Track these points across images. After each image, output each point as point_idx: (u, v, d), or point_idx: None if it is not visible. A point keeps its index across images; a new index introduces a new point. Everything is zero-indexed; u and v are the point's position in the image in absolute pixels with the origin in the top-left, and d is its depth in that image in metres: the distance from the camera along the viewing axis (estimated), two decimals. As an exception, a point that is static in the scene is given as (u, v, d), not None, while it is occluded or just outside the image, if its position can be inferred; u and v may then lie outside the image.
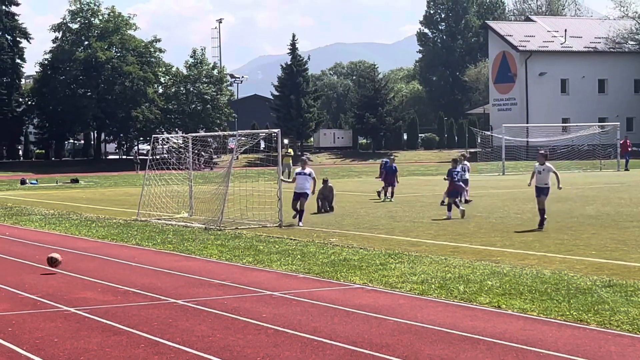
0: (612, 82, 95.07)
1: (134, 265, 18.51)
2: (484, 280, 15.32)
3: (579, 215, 27.54)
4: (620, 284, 14.71)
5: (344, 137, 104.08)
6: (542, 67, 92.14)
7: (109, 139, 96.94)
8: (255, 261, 18.53)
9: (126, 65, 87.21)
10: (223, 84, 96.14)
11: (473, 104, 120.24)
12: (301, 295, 14.51)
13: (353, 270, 16.83)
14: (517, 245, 20.36)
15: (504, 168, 60.45)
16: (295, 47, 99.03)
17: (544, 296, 13.80)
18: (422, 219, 27.17)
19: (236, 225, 25.90)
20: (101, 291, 15.30)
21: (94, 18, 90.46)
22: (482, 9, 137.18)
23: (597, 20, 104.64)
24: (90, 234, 25.20)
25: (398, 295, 14.36)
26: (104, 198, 42.69)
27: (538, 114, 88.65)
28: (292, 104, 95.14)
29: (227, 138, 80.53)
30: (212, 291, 15.09)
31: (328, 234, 23.54)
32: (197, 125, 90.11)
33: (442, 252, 19.30)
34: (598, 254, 18.59)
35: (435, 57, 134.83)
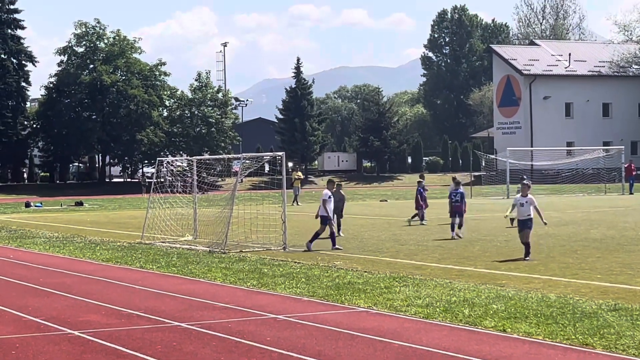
0: (617, 106, 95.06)
1: (138, 288, 18.47)
2: (489, 303, 15.26)
3: (584, 238, 27.47)
4: (625, 307, 14.65)
5: (348, 161, 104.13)
6: (546, 90, 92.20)
7: (113, 162, 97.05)
8: (260, 284, 18.49)
9: (131, 88, 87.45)
10: (228, 107, 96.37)
11: (477, 128, 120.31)
12: (305, 318, 14.46)
13: (357, 293, 16.78)
14: (522, 268, 20.30)
15: (508, 191, 60.33)
16: (299, 70, 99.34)
17: (550, 320, 13.74)
18: (426, 242, 27.12)
19: (240, 248, 25.86)
20: (105, 314, 15.26)
21: (100, 41, 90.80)
22: (486, 33, 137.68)
23: (601, 45, 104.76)
24: (95, 256, 25.17)
25: (403, 319, 14.31)
26: (108, 221, 42.68)
27: (542, 138, 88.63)
28: (296, 127, 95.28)
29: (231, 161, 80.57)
30: (216, 314, 15.04)
31: (332, 257, 23.49)
32: (201, 149, 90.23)
33: (446, 275, 19.24)
34: (603, 277, 18.53)
35: (439, 81, 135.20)
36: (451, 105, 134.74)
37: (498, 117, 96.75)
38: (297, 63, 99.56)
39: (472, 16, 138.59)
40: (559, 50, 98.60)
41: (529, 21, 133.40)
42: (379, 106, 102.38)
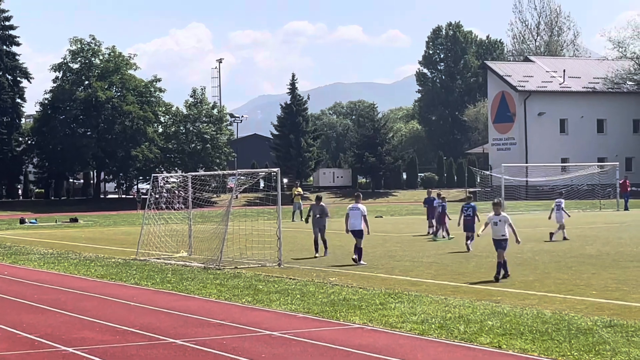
0: (611, 122, 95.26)
1: (132, 305, 18.43)
2: (485, 320, 15.25)
3: (580, 255, 27.48)
4: (621, 324, 14.65)
5: (343, 176, 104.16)
6: (541, 107, 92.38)
7: (108, 178, 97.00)
8: (255, 301, 18.46)
9: (126, 104, 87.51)
10: (223, 124, 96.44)
11: (472, 144, 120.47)
12: (301, 335, 14.44)
13: (353, 309, 16.76)
14: (518, 285, 20.29)
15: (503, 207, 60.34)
16: (294, 86, 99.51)
17: (545, 336, 13.73)
18: (421, 259, 27.10)
19: (235, 265, 25.83)
20: (100, 331, 15.22)
21: (95, 58, 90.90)
22: (481, 50, 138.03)
23: (595, 61, 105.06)
24: (89, 273, 25.12)
25: (398, 335, 14.29)
26: (103, 237, 42.62)
27: (537, 154, 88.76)
28: (291, 143, 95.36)
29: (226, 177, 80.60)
30: (211, 331, 15.01)
31: (327, 273, 23.47)
32: (196, 165, 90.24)
33: (442, 291, 19.23)
34: (599, 294, 18.53)
35: (434, 97, 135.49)
36: (446, 121, 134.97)
37: (493, 133, 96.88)
38: (292, 79, 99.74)
39: (466, 33, 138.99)
40: (553, 67, 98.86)
41: (524, 37, 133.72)
42: (374, 122, 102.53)
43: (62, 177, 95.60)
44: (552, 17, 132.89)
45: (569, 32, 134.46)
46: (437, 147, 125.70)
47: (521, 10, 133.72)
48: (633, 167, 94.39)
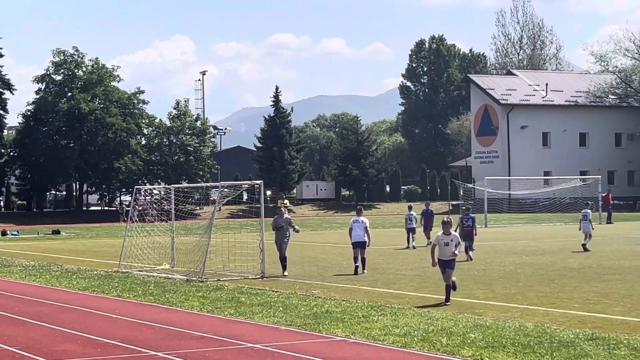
0: (593, 136, 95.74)
1: (115, 317, 18.36)
2: (467, 332, 15.27)
3: (562, 268, 27.56)
4: (602, 337, 14.69)
5: (326, 189, 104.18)
6: (523, 120, 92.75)
7: (91, 190, 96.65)
8: (237, 313, 18.43)
9: (109, 116, 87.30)
10: (206, 136, 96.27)
11: (455, 157, 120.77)
12: (283, 347, 14.42)
13: (335, 322, 16.75)
14: (500, 297, 20.33)
15: (486, 220, 60.50)
16: (278, 99, 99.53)
17: (527, 349, 13.76)
18: (404, 271, 27.12)
19: (218, 277, 25.78)
20: (81, 343, 15.16)
21: (78, 70, 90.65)
22: (464, 63, 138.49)
23: (577, 75, 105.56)
24: (71, 285, 25.03)
25: (381, 348, 14.29)
26: (85, 249, 42.48)
27: (520, 167, 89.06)
28: (275, 155, 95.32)
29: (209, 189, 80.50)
30: (193, 343, 14.97)
31: (310, 285, 23.45)
32: (179, 177, 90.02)
33: (424, 304, 19.24)
34: (581, 306, 18.58)
35: (417, 110, 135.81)
36: (429, 134, 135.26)
37: (476, 146, 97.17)
38: (276, 92, 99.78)
39: (449, 46, 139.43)
40: (536, 80, 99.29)
41: (506, 51, 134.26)
42: (357, 135, 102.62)
43: (45, 189, 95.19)
44: (535, 31, 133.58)
45: (551, 45, 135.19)
46: (421, 160, 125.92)
47: (504, 24, 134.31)
48: (615, 181, 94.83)
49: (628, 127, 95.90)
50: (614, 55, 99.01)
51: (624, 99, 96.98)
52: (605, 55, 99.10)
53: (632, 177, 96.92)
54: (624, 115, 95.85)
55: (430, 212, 40.46)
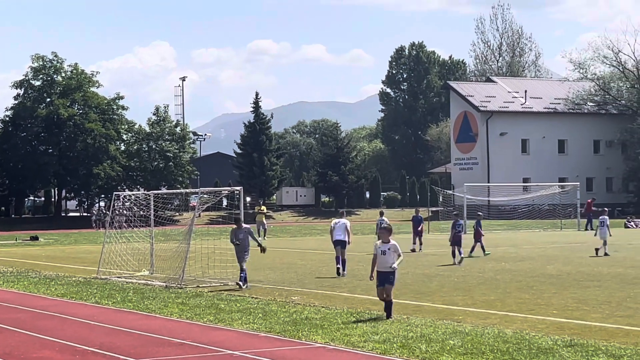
0: (572, 143, 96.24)
1: (93, 324, 18.27)
2: (446, 339, 15.28)
3: (541, 274, 27.63)
4: (581, 343, 14.73)
5: (306, 195, 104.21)
6: (502, 127, 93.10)
7: (69, 196, 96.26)
8: (217, 320, 18.37)
9: (88, 122, 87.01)
10: (186, 142, 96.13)
11: (435, 163, 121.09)
12: (262, 354, 14.38)
13: (315, 329, 16.72)
14: (479, 304, 20.36)
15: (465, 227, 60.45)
16: (258, 105, 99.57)
17: (506, 356, 13.78)
18: (384, 278, 27.08)
19: (197, 284, 25.71)
20: (59, 350, 15.07)
21: (57, 75, 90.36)
22: (443, 70, 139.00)
23: (556, 82, 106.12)
24: (49, 292, 24.89)
25: (360, 355, 14.27)
26: (63, 255, 42.27)
27: (499, 174, 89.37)
28: (254, 161, 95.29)
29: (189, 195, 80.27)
30: (172, 350, 14.91)
31: (290, 292, 23.42)
32: (159, 183, 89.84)
33: (404, 310, 19.24)
34: (559, 313, 18.63)
35: (397, 117, 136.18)
36: (409, 140, 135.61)
37: (455, 153, 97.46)
38: (256, 98, 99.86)
39: (429, 53, 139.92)
40: (515, 87, 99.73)
41: (486, 58, 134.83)
42: (337, 141, 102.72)
43: (23, 194, 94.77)
44: (514, 38, 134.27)
45: (530, 53, 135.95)
46: (400, 167, 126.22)
47: (483, 31, 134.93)
48: (594, 187, 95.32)
49: (606, 134, 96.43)
50: (592, 63, 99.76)
51: (602, 106, 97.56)
52: (584, 63, 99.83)
53: (611, 184, 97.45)
54: (603, 123, 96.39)
55: (420, 218, 41.73)
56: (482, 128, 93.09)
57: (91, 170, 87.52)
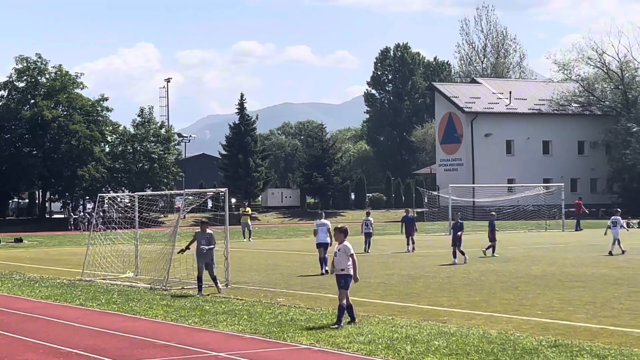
0: (557, 144, 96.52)
1: (77, 326, 18.21)
2: (431, 340, 15.30)
3: (525, 275, 27.71)
4: (565, 344, 14.78)
5: (291, 197, 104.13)
6: (487, 128, 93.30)
7: (54, 197, 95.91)
8: (202, 321, 18.34)
9: (73, 123, 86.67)
10: (171, 143, 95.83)
11: (420, 164, 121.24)
12: (247, 356, 14.37)
13: (300, 330, 16.72)
14: (464, 305, 20.39)
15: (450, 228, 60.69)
16: (243, 106, 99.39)
17: (491, 356, 13.81)
18: (369, 279, 27.12)
19: (182, 285, 25.66)
20: (44, 353, 15.02)
21: (41, 77, 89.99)
22: (428, 71, 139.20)
23: (541, 83, 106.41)
24: (34, 294, 24.80)
25: (345, 356, 14.28)
26: (48, 258, 42.13)
27: (484, 175, 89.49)
28: (240, 163, 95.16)
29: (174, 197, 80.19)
30: (157, 352, 14.88)
31: (275, 293, 23.41)
32: (144, 184, 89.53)
33: (389, 312, 19.26)
34: (544, 314, 18.68)
35: (382, 118, 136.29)
36: (394, 142, 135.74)
37: (440, 154, 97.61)
38: (241, 99, 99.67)
39: (414, 54, 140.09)
40: (499, 89, 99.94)
41: (471, 59, 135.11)
42: (322, 142, 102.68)
43: (7, 196, 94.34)
44: (499, 39, 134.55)
45: (515, 54, 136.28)
46: (385, 168, 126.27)
47: (468, 32, 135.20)
48: (578, 188, 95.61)
49: (591, 135, 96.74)
50: (576, 64, 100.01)
51: (586, 107, 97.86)
52: (568, 64, 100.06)
53: (595, 184, 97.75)
54: (587, 124, 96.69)
55: (411, 218, 42.44)
56: (467, 129, 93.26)
57: (76, 172, 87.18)
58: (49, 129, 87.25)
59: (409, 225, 41.59)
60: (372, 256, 37.81)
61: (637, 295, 21.65)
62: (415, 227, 42.53)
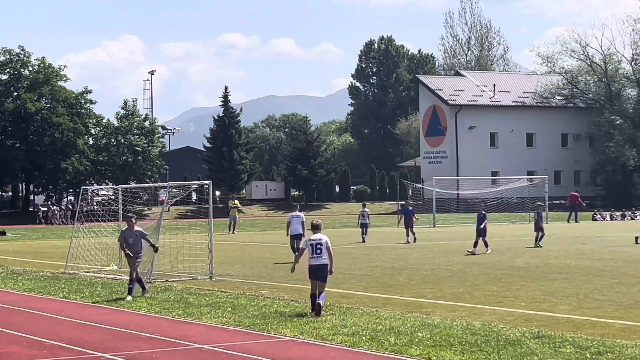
0: (540, 136, 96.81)
1: (61, 319, 18.18)
2: (415, 332, 15.34)
3: (509, 267, 27.80)
4: (548, 335, 14.84)
5: (276, 189, 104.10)
6: (471, 120, 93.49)
7: (37, 190, 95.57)
8: (185, 314, 18.34)
9: (56, 116, 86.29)
10: (154, 136, 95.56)
11: (404, 157, 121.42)
12: (231, 348, 14.38)
13: (284, 322, 16.74)
14: (448, 296, 20.45)
15: (434, 220, 60.92)
16: (227, 99, 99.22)
17: (474, 348, 13.85)
18: (353, 271, 27.17)
19: (166, 278, 25.64)
20: (27, 345, 14.98)
21: (24, 69, 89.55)
22: (412, 64, 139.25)
23: (525, 76, 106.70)
24: (17, 287, 24.74)
25: (329, 348, 14.30)
26: (31, 250, 42.00)
27: (468, 167, 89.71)
28: (224, 156, 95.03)
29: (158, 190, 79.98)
30: (141, 344, 14.87)
31: (259, 286, 23.42)
32: (127, 177, 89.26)
33: (373, 303, 19.29)
34: (527, 305, 18.75)
35: (366, 110, 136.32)
36: (378, 134, 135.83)
37: (424, 147, 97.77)
38: (225, 92, 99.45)
39: (398, 47, 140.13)
40: (483, 81, 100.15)
41: (455, 52, 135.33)
42: (307, 135, 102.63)
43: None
44: (483, 32, 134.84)
45: (499, 47, 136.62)
46: (370, 160, 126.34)
47: (452, 25, 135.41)
48: (562, 181, 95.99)
49: (574, 127, 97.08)
50: (560, 57, 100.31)
51: (570, 100, 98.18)
52: (552, 57, 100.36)
53: (578, 177, 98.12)
54: (570, 116, 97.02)
55: (410, 209, 43.22)
56: (451, 122, 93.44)
57: (59, 164, 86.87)
58: (32, 122, 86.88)
59: (407, 217, 42.51)
60: (356, 249, 37.84)
61: (620, 287, 21.77)
62: (415, 217, 43.87)
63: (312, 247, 18.00)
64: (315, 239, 18.01)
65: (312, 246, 18.00)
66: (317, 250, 17.93)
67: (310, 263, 18.04)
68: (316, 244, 17.96)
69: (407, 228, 42.10)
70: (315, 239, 18.02)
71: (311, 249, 18.00)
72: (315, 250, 17.95)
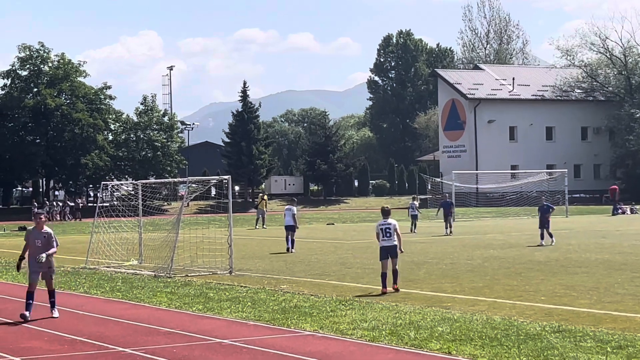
0: (560, 130, 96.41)
1: (81, 314, 18.26)
2: (435, 326, 15.32)
3: (528, 261, 27.72)
4: (569, 329, 14.79)
5: (295, 184, 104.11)
6: (490, 114, 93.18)
7: (57, 186, 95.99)
8: (205, 309, 18.38)
9: (76, 112, 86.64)
10: (174, 131, 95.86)
11: (423, 151, 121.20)
12: (251, 342, 14.40)
13: (304, 317, 16.75)
14: (468, 291, 20.41)
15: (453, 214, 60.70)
16: (246, 94, 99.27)
17: (494, 342, 13.82)
18: (372, 265, 27.13)
19: (186, 273, 25.70)
20: (48, 340, 15.06)
21: (44, 65, 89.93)
22: (431, 58, 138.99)
23: (544, 69, 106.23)
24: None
25: (349, 342, 14.30)
26: (52, 246, 42.09)
27: (487, 161, 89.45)
28: (243, 150, 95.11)
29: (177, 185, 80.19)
30: (161, 339, 14.91)
31: (279, 280, 23.44)
32: (147, 172, 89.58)
33: (392, 298, 19.28)
34: (547, 299, 18.69)
35: (385, 105, 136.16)
36: (397, 128, 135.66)
37: (443, 141, 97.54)
38: (244, 87, 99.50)
39: (417, 41, 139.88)
40: (502, 75, 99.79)
41: (473, 46, 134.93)
42: (325, 130, 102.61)
43: (11, 185, 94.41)
44: (502, 25, 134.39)
45: (518, 40, 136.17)
46: (389, 155, 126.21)
47: (471, 18, 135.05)
48: (581, 174, 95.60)
49: (594, 121, 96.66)
50: (579, 50, 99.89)
51: (589, 93, 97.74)
52: (571, 50, 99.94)
53: (598, 170, 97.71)
54: (590, 109, 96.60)
55: (449, 202, 45.57)
56: (470, 115, 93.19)
57: (79, 160, 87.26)
58: (52, 118, 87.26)
59: (447, 209, 44.51)
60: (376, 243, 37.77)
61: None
62: (454, 211, 46.45)
63: (382, 230, 20.30)
64: (385, 223, 20.33)
65: (382, 230, 20.29)
66: (387, 234, 20.26)
67: (382, 245, 20.36)
68: (386, 228, 20.28)
69: (445, 220, 44.05)
70: (385, 224, 20.32)
71: (382, 232, 20.30)
72: (386, 233, 20.26)
